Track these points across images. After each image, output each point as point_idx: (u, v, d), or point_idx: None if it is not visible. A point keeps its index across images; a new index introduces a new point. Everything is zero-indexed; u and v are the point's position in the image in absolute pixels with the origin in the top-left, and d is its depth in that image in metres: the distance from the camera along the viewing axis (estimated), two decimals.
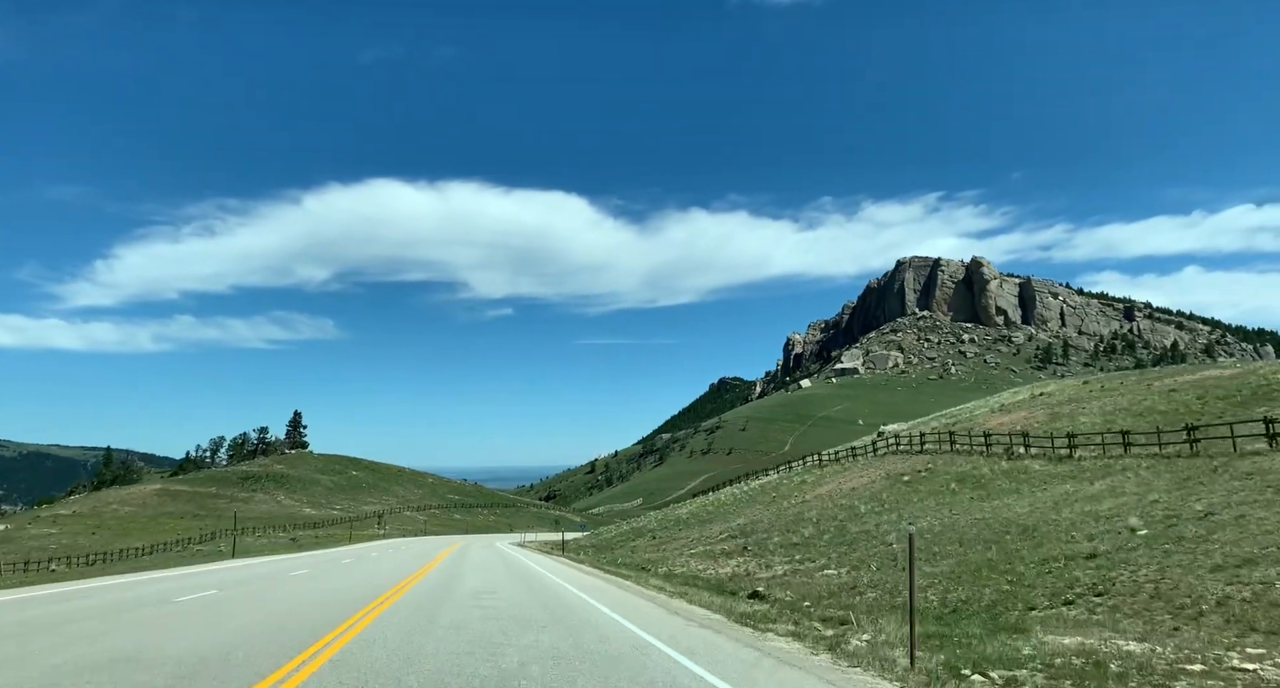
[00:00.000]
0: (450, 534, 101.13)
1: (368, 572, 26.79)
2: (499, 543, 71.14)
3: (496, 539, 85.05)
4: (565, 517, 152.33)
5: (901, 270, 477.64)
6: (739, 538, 30.23)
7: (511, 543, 73.04)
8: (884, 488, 31.47)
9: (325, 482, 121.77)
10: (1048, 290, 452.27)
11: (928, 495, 28.25)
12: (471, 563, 34.18)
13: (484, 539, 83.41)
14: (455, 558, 39.23)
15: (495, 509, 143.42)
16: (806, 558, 23.30)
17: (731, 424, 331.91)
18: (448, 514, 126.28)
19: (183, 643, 10.19)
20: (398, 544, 62.10)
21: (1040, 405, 40.13)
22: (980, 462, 30.87)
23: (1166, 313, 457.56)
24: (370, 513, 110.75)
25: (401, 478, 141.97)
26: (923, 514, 25.50)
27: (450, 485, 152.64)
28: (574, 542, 65.80)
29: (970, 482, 28.21)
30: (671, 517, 50.25)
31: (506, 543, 73.77)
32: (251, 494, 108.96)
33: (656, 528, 47.00)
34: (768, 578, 20.50)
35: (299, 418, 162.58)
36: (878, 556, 21.33)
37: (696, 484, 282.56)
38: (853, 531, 25.82)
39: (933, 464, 33.05)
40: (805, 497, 36.33)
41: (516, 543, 74.39)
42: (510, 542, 77.70)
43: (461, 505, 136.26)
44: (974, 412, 51.59)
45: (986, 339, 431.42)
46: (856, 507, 29.15)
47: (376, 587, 20.67)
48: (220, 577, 26.80)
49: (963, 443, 34.69)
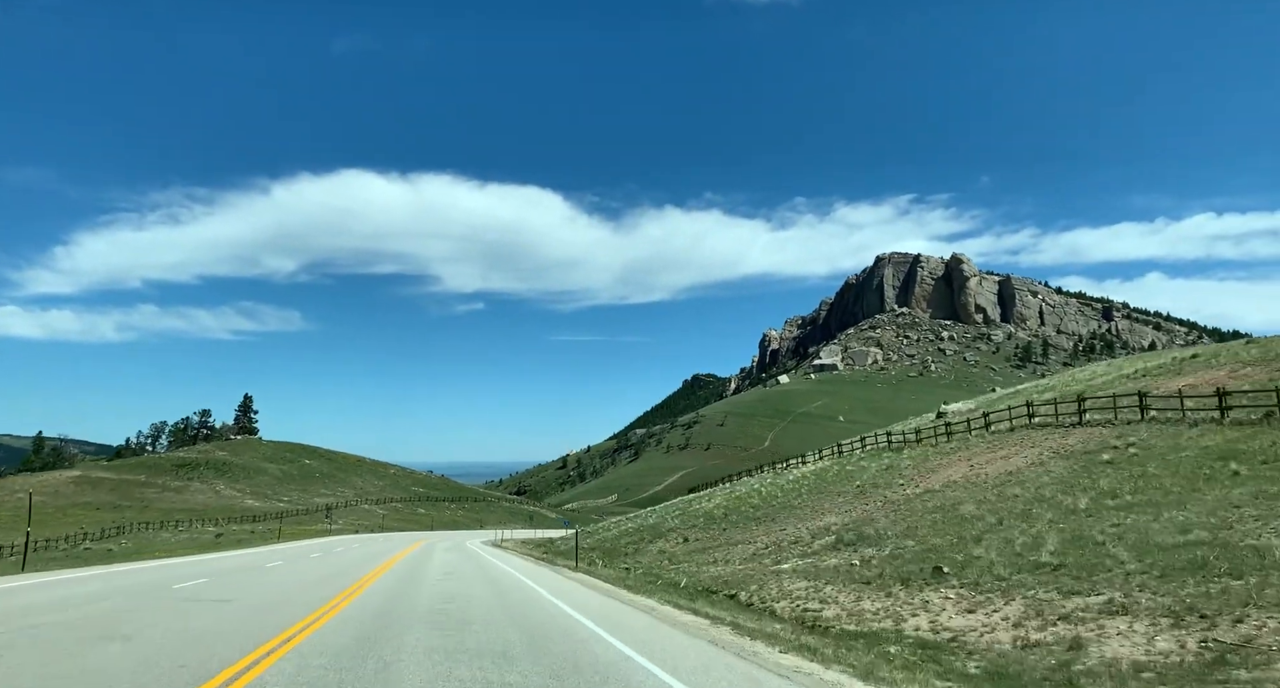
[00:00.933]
0: (412, 531, 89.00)
1: (235, 614, 14.92)
2: (470, 542, 59.30)
3: (467, 538, 73.12)
4: (540, 513, 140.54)
5: (881, 267, 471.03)
6: (858, 547, 19.07)
7: (484, 543, 61.25)
8: (1074, 470, 20.60)
9: (274, 471, 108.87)
10: (1027, 289, 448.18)
11: (1174, 478, 17.46)
12: (433, 577, 22.76)
13: (451, 537, 71.47)
14: (411, 567, 27.65)
15: (464, 504, 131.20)
16: (1075, 591, 12.17)
17: (709, 419, 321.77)
18: (410, 508, 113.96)
19: None
20: (341, 545, 49.91)
21: (1228, 362, 29.57)
22: (1227, 431, 20.13)
23: (1144, 314, 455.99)
24: (323, 506, 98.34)
25: (361, 468, 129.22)
26: (1218, 507, 14.72)
27: (414, 477, 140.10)
28: (561, 542, 54.30)
29: (1246, 458, 17.48)
30: (698, 512, 39.03)
31: (479, 542, 62.04)
32: (186, 483, 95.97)
33: (680, 526, 35.83)
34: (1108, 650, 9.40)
35: (249, 402, 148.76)
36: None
37: (675, 480, 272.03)
38: (1098, 536, 14.86)
39: (1130, 437, 22.28)
40: (922, 486, 25.38)
41: (491, 542, 62.60)
42: (483, 541, 65.98)
43: (426, 499, 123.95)
44: (1105, 379, 40.90)
45: (966, 337, 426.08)
46: (1055, 499, 18.15)
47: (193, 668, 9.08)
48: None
49: (1161, 407, 24.02)
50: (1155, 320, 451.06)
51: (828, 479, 36.42)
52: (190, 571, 27.21)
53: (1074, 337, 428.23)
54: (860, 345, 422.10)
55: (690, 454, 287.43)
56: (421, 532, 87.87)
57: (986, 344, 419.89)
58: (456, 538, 72.76)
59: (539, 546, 51.62)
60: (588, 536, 57.27)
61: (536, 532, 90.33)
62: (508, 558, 37.04)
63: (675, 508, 50.86)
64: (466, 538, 73.27)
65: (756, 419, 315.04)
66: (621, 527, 50.12)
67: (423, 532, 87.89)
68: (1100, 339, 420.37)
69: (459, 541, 64.93)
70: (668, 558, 27.79)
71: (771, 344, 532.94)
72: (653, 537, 36.90)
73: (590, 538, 51.81)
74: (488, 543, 61.30)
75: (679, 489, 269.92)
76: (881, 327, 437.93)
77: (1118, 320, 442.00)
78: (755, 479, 54.12)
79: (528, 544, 54.60)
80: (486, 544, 56.34)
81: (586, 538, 52.73)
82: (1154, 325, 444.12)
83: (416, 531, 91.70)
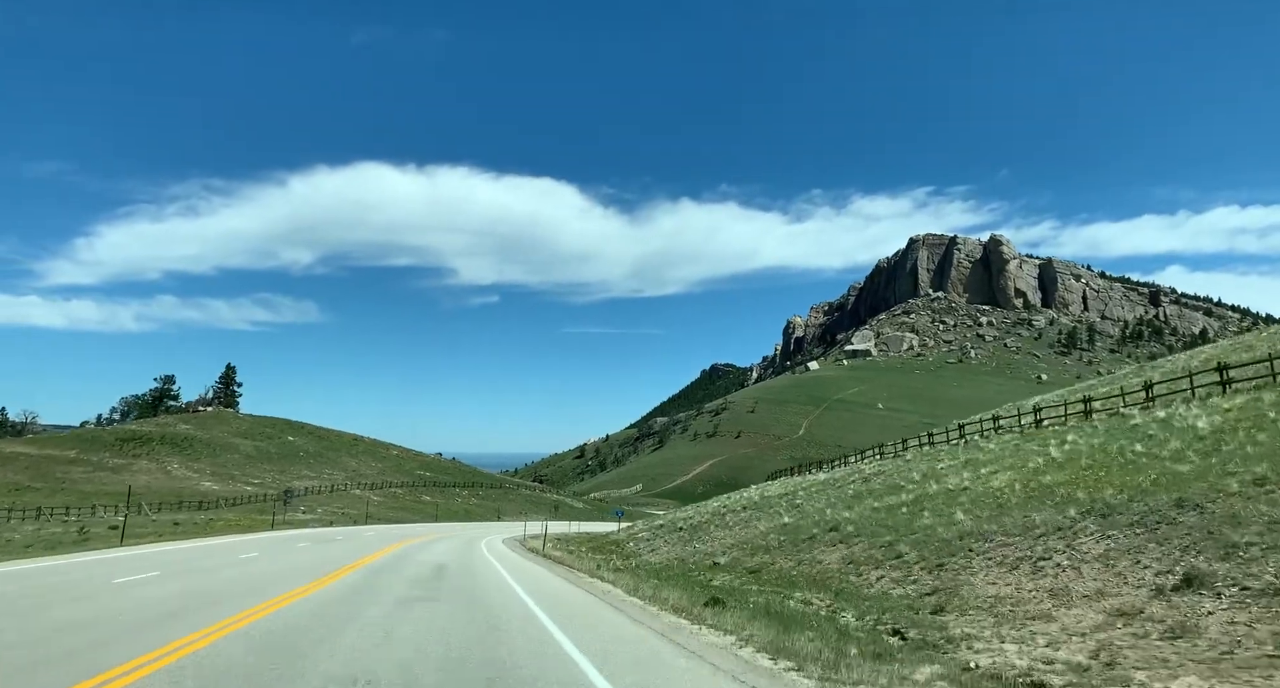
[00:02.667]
0: (411, 522, 69.46)
1: None
2: (487, 542, 39.74)
3: (482, 533, 53.40)
4: (564, 502, 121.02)
5: (914, 249, 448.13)
6: None
7: (511, 541, 41.65)
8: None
9: (246, 448, 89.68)
10: (1070, 273, 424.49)
11: None
12: None
13: (459, 532, 51.74)
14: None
15: (478, 491, 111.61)
16: None
17: (738, 406, 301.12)
18: (414, 494, 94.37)
19: None
20: (256, 550, 29.76)
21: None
22: None
23: (1194, 299, 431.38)
24: (304, 490, 79.03)
25: (356, 448, 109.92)
26: None
27: (420, 460, 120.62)
28: (631, 543, 34.49)
29: None
30: (893, 519, 19.07)
31: (500, 540, 42.53)
32: (130, 461, 76.87)
33: (877, 533, 16.12)
34: None
35: (232, 374, 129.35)
36: None
37: (705, 469, 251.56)
38: None
39: None
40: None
41: (517, 540, 42.97)
42: (507, 537, 46.49)
43: (433, 485, 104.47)
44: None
45: (1006, 322, 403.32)
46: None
47: None
48: None
49: None
50: (1205, 306, 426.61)
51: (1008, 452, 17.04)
52: None
53: (1119, 323, 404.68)
54: (893, 331, 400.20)
55: (720, 442, 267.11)
56: (423, 524, 68.26)
57: (1028, 330, 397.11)
58: (467, 533, 52.94)
59: (597, 548, 31.89)
60: (668, 534, 37.27)
61: (573, 525, 70.51)
62: (575, 584, 17.48)
63: (792, 502, 30.74)
64: (480, 533, 53.47)
65: (789, 406, 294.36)
66: (728, 525, 30.17)
67: (425, 524, 68.25)
68: (1148, 325, 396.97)
69: (470, 537, 45.31)
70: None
71: (796, 332, 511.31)
72: (809, 541, 17.26)
73: (677, 537, 32.01)
74: (515, 542, 41.54)
75: (708, 479, 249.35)
76: (916, 311, 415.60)
77: (1165, 306, 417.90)
78: (838, 472, 33.81)
79: (577, 543, 34.71)
80: (514, 546, 36.64)
81: (675, 538, 32.82)
82: (1204, 311, 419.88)
83: (418, 522, 72.15)
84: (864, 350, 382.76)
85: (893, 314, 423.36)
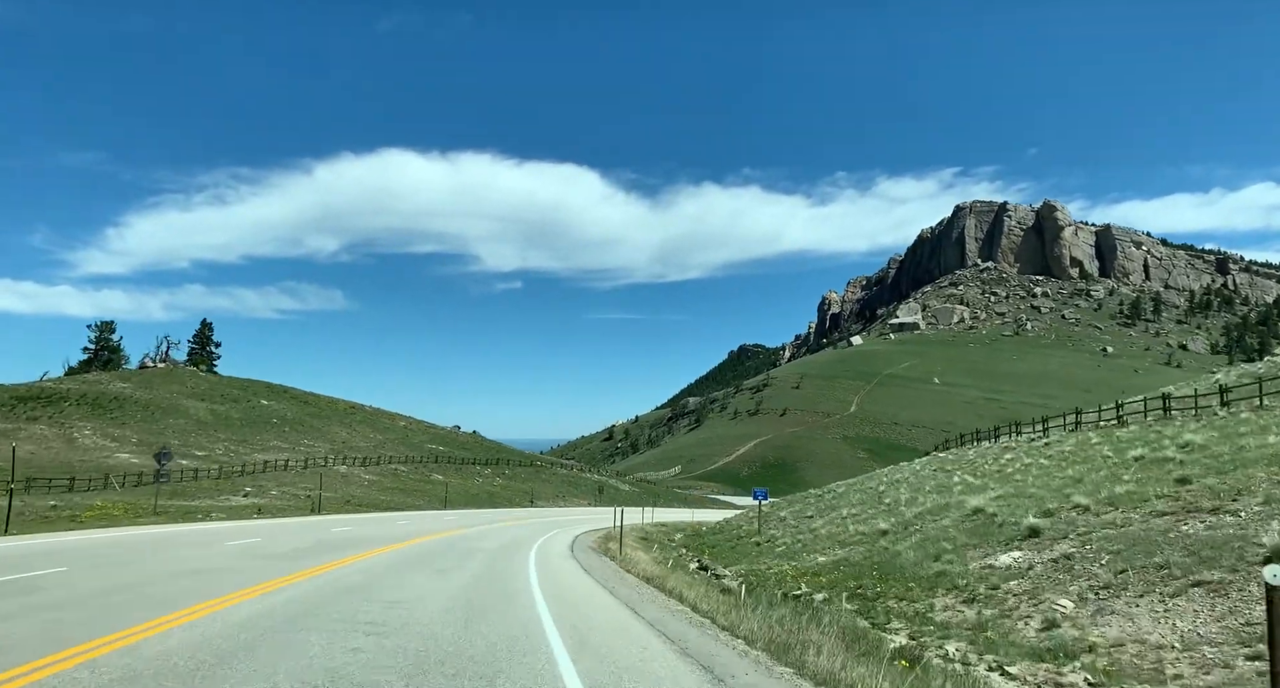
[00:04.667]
0: (409, 510, 47.40)
1: None
2: (556, 558, 17.12)
3: (527, 531, 31.09)
4: (609, 483, 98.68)
5: (961, 217, 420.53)
6: None
7: (591, 553, 19.32)
8: None
9: (199, 413, 68.00)
10: (1130, 240, 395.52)
11: None
12: None
13: (484, 532, 29.22)
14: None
15: (503, 468, 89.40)
16: None
17: (781, 382, 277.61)
18: (422, 472, 72.24)
19: None
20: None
21: None
22: None
23: (1266, 266, 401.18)
24: (277, 463, 57.30)
25: (353, 417, 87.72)
26: None
27: (433, 432, 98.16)
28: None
29: None
30: None
31: (580, 544, 20.45)
32: (20, 426, 55.31)
33: None
34: None
35: (208, 331, 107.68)
36: None
37: (749, 449, 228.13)
38: None
39: None
40: None
41: (607, 554, 20.63)
42: (584, 535, 24.47)
43: (448, 461, 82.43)
44: None
45: (1062, 293, 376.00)
46: None
47: None
48: None
49: None
50: (1279, 274, 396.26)
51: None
52: None
53: (1184, 292, 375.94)
54: (941, 303, 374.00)
55: (763, 420, 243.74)
56: (432, 511, 46.14)
57: (1086, 301, 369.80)
58: (495, 531, 30.52)
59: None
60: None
61: (647, 511, 48.01)
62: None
63: None
64: (521, 531, 31.16)
65: (837, 382, 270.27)
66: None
67: (428, 511, 46.18)
68: (1217, 295, 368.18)
69: (504, 541, 23.06)
70: None
71: (832, 308, 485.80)
72: None
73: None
74: (596, 549, 19.20)
75: (754, 460, 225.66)
76: (964, 283, 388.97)
77: (1235, 274, 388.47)
78: None
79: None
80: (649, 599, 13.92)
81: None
82: (1278, 279, 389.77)
83: (424, 507, 50.12)
84: (911, 324, 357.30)
85: (939, 286, 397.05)
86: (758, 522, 31.43)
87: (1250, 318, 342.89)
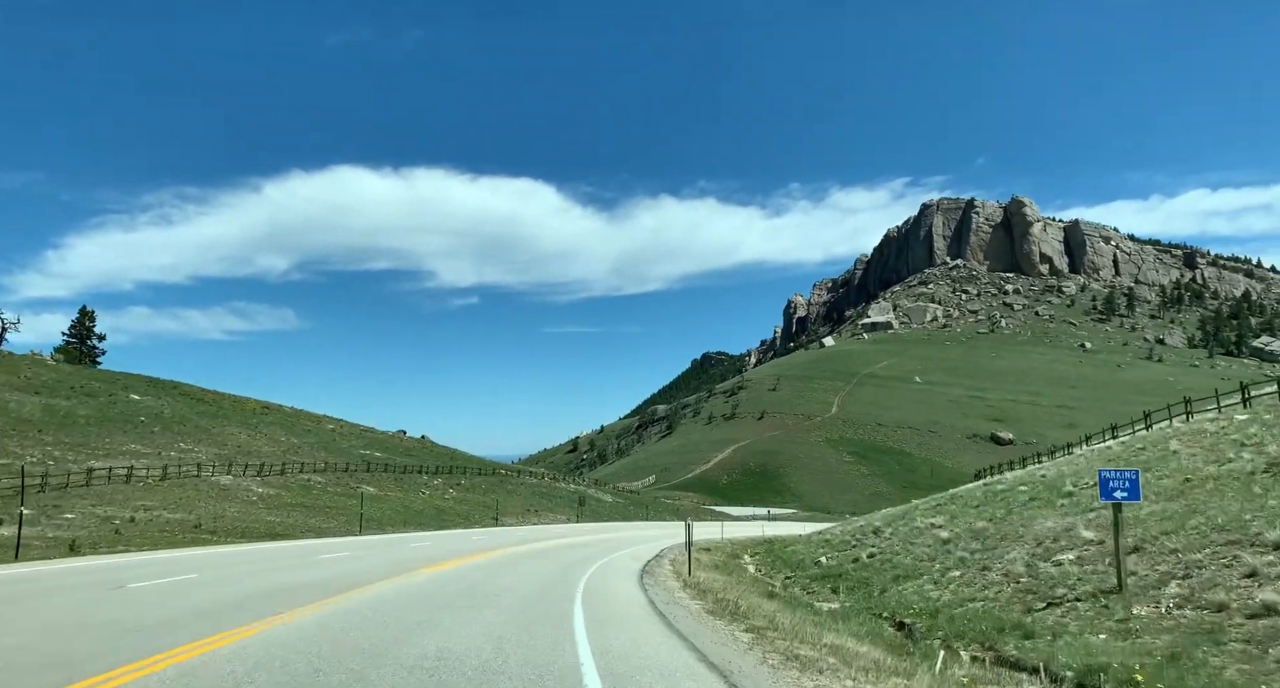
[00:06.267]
0: (316, 535, 30.08)
1: None
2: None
3: (539, 573, 13.15)
4: (591, 495, 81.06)
5: (928, 215, 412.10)
6: None
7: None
8: None
9: (26, 407, 48.80)
10: (1099, 235, 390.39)
11: None
12: None
13: (463, 574, 12.15)
14: None
15: (458, 478, 71.20)
16: None
17: (757, 384, 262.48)
18: (346, 483, 54.05)
19: None
20: None
21: None
22: None
23: (1233, 260, 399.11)
24: (116, 474, 39.00)
25: (261, 418, 68.46)
26: None
27: (368, 437, 78.77)
28: None
29: None
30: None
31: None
32: None
33: None
34: None
35: (88, 321, 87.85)
36: None
37: (728, 455, 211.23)
38: None
39: None
40: None
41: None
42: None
43: (387, 469, 64.11)
44: None
45: (1033, 290, 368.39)
46: None
47: None
48: None
49: None
50: (1245, 268, 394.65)
51: None
52: None
53: (1154, 287, 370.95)
54: (911, 302, 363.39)
55: (740, 425, 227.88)
56: (338, 539, 28.66)
57: (1058, 297, 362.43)
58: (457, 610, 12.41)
59: None
60: None
61: (661, 527, 30.44)
62: None
63: None
64: (528, 588, 13.19)
65: (814, 382, 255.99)
66: None
67: (339, 539, 28.49)
68: (1187, 289, 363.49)
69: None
70: None
71: (798, 311, 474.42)
72: None
73: None
74: None
75: (734, 467, 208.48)
76: (934, 281, 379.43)
77: (1203, 268, 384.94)
78: None
79: None
80: None
81: None
82: (1245, 273, 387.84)
83: (326, 535, 32.58)
84: (884, 323, 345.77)
85: (908, 286, 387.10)
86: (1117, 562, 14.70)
87: (1223, 311, 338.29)
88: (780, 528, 37.77)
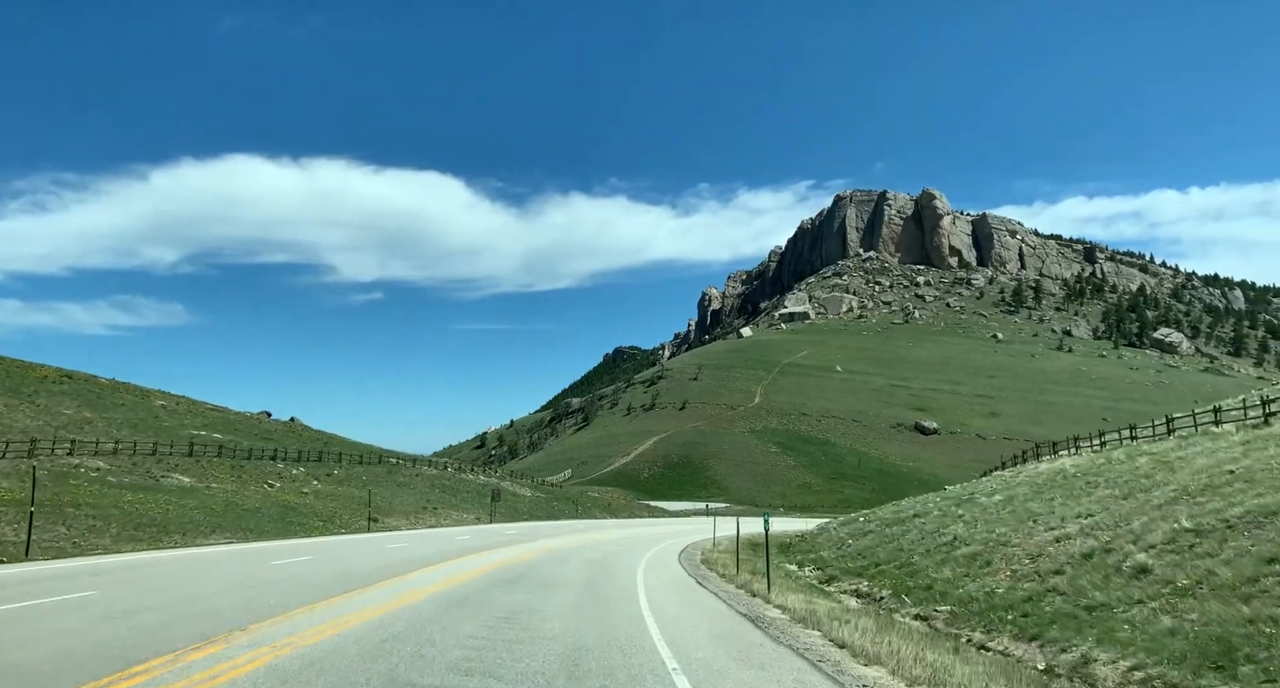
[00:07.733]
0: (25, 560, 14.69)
1: None
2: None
3: None
4: (506, 488, 65.30)
5: (841, 207, 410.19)
6: None
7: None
8: None
9: None
10: (1005, 229, 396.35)
11: None
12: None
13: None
14: None
15: (330, 466, 54.42)
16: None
17: (677, 374, 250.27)
18: (147, 472, 37.22)
19: None
20: None
21: None
22: None
23: (1130, 256, 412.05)
24: None
25: (46, 388, 50.19)
26: None
27: (212, 416, 59.77)
28: None
29: None
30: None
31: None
32: None
33: None
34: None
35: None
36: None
37: (649, 447, 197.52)
38: None
39: None
40: None
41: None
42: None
43: (227, 454, 46.88)
44: None
45: (944, 282, 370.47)
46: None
47: None
48: None
49: None
50: (1141, 263, 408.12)
51: None
52: None
53: (1058, 280, 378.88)
54: (827, 293, 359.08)
55: (661, 416, 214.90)
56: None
57: (968, 289, 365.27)
58: None
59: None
60: None
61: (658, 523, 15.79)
62: None
63: None
64: None
65: (735, 372, 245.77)
66: None
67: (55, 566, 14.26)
68: (1088, 283, 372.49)
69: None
70: None
71: (713, 304, 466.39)
72: None
73: None
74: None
75: (656, 459, 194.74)
76: (848, 273, 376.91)
77: (1101, 263, 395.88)
78: None
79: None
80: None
81: None
82: (1140, 268, 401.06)
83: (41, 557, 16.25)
84: (802, 313, 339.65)
85: (822, 277, 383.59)
86: None
87: (1122, 304, 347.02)
88: (747, 525, 24.62)
